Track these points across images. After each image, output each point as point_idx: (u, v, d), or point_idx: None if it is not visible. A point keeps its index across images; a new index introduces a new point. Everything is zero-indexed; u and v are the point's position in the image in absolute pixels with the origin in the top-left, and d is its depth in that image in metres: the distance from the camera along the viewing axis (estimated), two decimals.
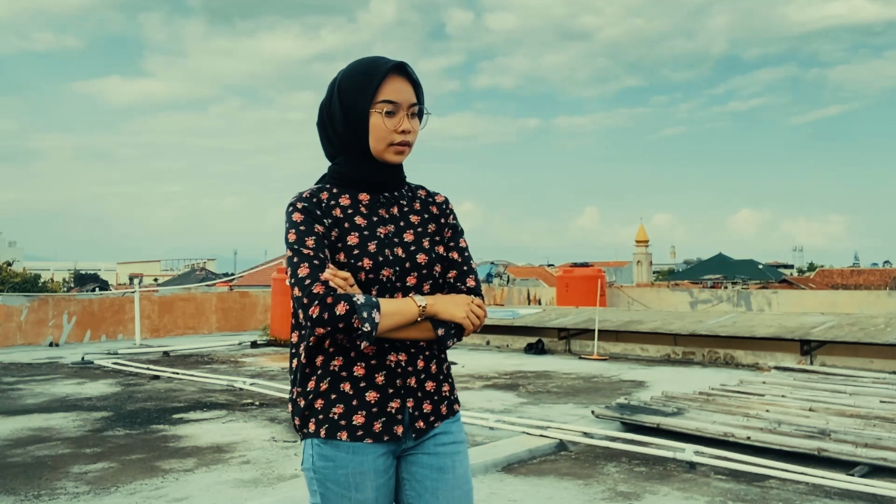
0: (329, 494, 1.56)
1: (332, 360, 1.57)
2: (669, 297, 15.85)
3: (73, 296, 14.08)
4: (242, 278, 33.81)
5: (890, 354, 8.18)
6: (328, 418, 1.56)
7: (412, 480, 1.62)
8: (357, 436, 1.54)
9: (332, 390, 1.56)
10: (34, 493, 3.93)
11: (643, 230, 45.82)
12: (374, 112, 1.60)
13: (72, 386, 7.73)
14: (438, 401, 1.65)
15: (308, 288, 1.49)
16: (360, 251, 1.58)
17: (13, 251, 76.09)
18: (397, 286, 1.60)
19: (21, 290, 36.02)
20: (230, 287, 22.56)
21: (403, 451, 1.63)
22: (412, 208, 1.70)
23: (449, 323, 1.59)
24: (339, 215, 1.61)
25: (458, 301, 1.60)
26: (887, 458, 4.16)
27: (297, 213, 1.58)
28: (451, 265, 1.69)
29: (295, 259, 1.53)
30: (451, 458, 1.65)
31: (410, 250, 1.63)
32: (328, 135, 1.67)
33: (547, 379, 7.97)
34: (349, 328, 1.47)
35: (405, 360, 1.60)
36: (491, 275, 29.66)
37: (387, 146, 1.62)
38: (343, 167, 1.65)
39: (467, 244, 1.75)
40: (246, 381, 7.53)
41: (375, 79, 1.59)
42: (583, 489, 3.98)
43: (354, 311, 1.47)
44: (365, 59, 1.65)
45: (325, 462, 1.55)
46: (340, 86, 1.63)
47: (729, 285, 30.41)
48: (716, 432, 4.77)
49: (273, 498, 3.77)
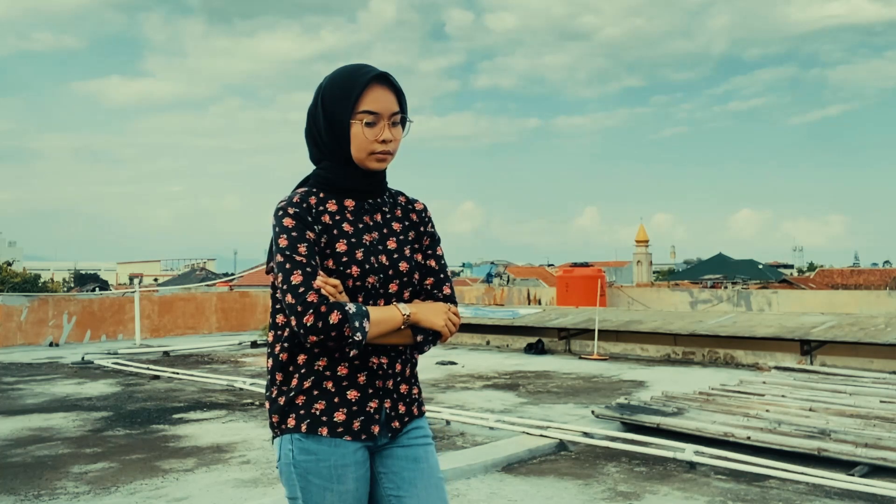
0: (310, 487, 1.58)
1: (317, 360, 1.60)
2: (669, 297, 15.85)
3: (73, 296, 14.09)
4: (242, 278, 33.81)
5: (890, 354, 8.18)
6: (309, 413, 1.58)
7: (389, 473, 1.66)
8: (337, 432, 1.58)
9: (315, 387, 1.59)
10: (34, 493, 3.93)
11: (643, 230, 45.85)
12: (354, 122, 1.62)
13: (72, 386, 7.73)
14: (410, 402, 1.71)
15: (302, 296, 1.51)
16: (348, 258, 1.60)
17: (13, 251, 76.15)
18: (380, 293, 1.63)
19: (21, 290, 36.03)
20: (230, 287, 22.58)
21: (377, 447, 1.67)
22: (394, 215, 1.73)
23: (428, 330, 1.64)
24: (327, 221, 1.62)
25: (437, 309, 1.65)
26: (887, 458, 4.16)
27: (289, 219, 1.58)
28: (428, 273, 1.73)
29: (287, 265, 1.54)
30: (423, 449, 1.70)
31: (394, 258, 1.66)
32: (315, 139, 1.69)
33: (547, 379, 7.97)
34: (340, 336, 1.50)
35: (386, 363, 1.64)
36: (491, 275, 29.64)
37: (367, 155, 1.64)
38: (328, 172, 1.67)
39: (443, 252, 1.79)
40: (246, 381, 7.53)
41: (356, 90, 1.61)
42: (583, 489, 3.99)
43: (346, 320, 1.50)
44: (348, 67, 1.66)
45: (306, 456, 1.58)
46: (324, 95, 1.65)
47: (729, 285, 30.40)
48: (716, 432, 4.77)
49: (273, 498, 3.77)
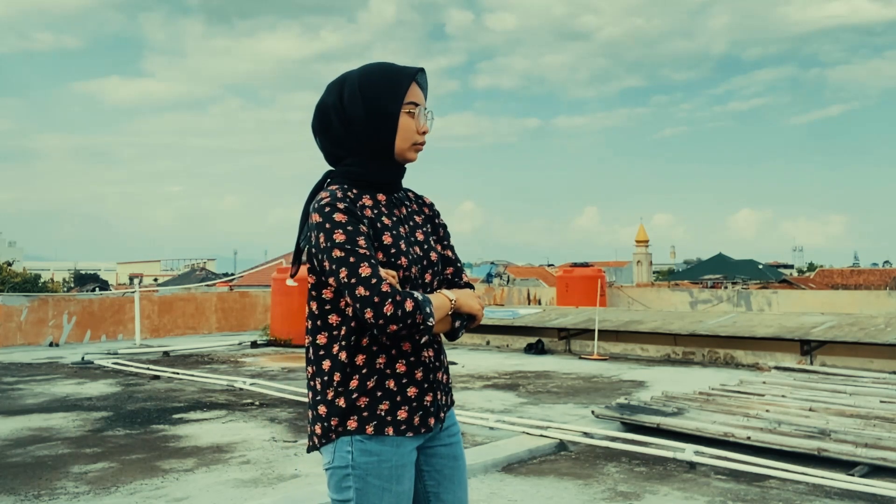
0: (368, 489, 1.58)
1: (377, 359, 1.61)
2: (669, 297, 15.85)
3: (73, 296, 14.09)
4: (242, 278, 33.81)
5: (890, 354, 8.18)
6: (375, 415, 1.59)
7: (432, 471, 1.72)
8: (401, 430, 1.61)
9: (378, 388, 1.60)
10: (34, 493, 3.93)
11: (643, 230, 45.83)
12: (403, 113, 1.66)
13: (72, 386, 7.73)
14: (447, 391, 1.76)
15: (377, 287, 1.51)
16: (396, 250, 1.64)
17: (13, 251, 76.05)
18: (418, 283, 1.68)
19: (21, 290, 36.02)
20: (230, 287, 22.58)
21: (424, 443, 1.70)
22: (413, 209, 1.78)
23: (464, 315, 1.68)
24: (370, 216, 1.64)
25: (471, 294, 1.72)
26: (887, 458, 4.16)
27: (340, 214, 1.57)
28: (448, 262, 1.80)
29: (351, 259, 1.53)
30: (459, 446, 1.78)
31: (424, 249, 1.72)
32: (336, 137, 1.68)
33: (547, 379, 7.97)
34: (414, 324, 1.53)
35: (433, 355, 1.69)
36: (491, 275, 29.67)
37: (411, 145, 1.69)
38: (359, 168, 1.68)
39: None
40: (246, 381, 7.53)
41: (404, 81, 1.67)
42: (583, 489, 3.98)
43: (418, 307, 1.53)
44: (382, 63, 1.71)
45: (368, 457, 1.58)
46: (363, 89, 1.65)
47: (729, 285, 30.40)
48: (716, 432, 4.77)
49: (273, 498, 3.77)
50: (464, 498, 1.77)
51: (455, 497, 1.74)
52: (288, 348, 11.53)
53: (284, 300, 12.13)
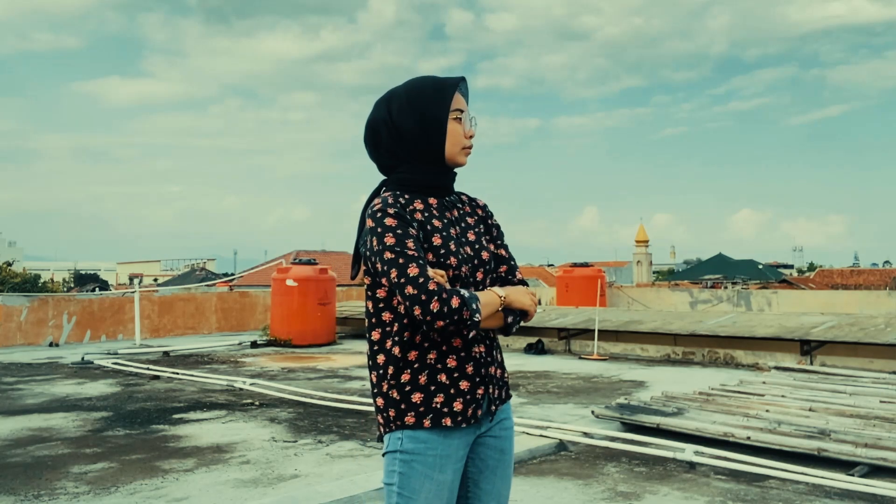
0: (412, 474, 1.67)
1: (428, 354, 1.70)
2: (669, 297, 15.86)
3: (73, 296, 14.08)
4: (242, 278, 33.83)
5: (890, 354, 8.18)
6: (431, 408, 1.68)
7: (476, 459, 1.79)
8: (457, 421, 1.69)
9: (431, 382, 1.69)
10: (34, 493, 3.93)
11: (643, 230, 45.90)
12: (450, 120, 1.77)
13: (72, 386, 7.73)
14: (503, 386, 1.83)
15: (424, 285, 1.60)
16: (445, 251, 1.73)
17: (13, 251, 76.11)
18: (469, 281, 1.76)
19: (21, 290, 36.05)
20: (230, 287, 22.60)
21: (477, 435, 1.77)
22: (465, 211, 1.88)
23: (516, 311, 1.76)
24: (420, 219, 1.74)
25: (523, 291, 1.79)
26: (887, 458, 4.16)
27: (390, 219, 1.68)
28: (501, 261, 1.89)
29: (400, 260, 1.63)
30: (509, 441, 1.84)
31: (476, 248, 1.81)
32: (389, 148, 1.79)
33: (547, 379, 7.97)
34: (461, 320, 1.61)
35: (484, 351, 1.76)
36: None
37: (460, 149, 1.80)
38: (412, 174, 1.78)
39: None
40: (246, 382, 7.54)
41: (449, 90, 1.78)
42: (583, 489, 3.99)
43: (465, 303, 1.61)
44: (425, 76, 1.83)
45: (416, 444, 1.67)
46: (412, 101, 1.77)
47: (729, 285, 30.42)
48: (716, 432, 4.77)
49: (273, 498, 3.78)
50: (504, 492, 1.82)
51: (494, 488, 1.80)
52: (288, 348, 11.54)
53: (284, 300, 12.13)
